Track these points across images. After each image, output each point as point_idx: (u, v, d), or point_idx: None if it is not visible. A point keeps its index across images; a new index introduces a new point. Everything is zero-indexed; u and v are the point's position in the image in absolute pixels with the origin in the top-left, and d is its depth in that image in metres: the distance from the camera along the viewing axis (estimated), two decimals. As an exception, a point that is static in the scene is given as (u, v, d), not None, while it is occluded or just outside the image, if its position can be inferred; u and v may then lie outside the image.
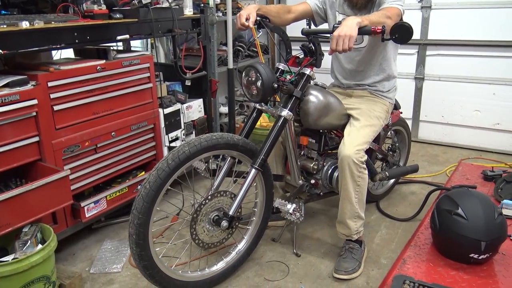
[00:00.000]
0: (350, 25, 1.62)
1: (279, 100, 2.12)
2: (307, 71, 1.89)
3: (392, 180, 2.77)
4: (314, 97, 1.98)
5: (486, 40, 3.28)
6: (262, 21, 1.99)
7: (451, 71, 3.49)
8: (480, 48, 3.33)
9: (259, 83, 1.80)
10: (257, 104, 1.96)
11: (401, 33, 1.64)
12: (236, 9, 3.60)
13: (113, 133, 2.30)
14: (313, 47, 1.88)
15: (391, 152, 2.62)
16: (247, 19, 1.93)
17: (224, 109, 3.71)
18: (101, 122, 2.24)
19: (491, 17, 3.23)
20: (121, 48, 2.86)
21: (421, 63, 3.59)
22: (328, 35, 1.69)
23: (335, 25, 1.71)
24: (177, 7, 2.55)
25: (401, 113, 2.68)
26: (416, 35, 3.53)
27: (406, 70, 3.65)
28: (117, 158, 2.38)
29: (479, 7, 3.26)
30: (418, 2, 3.46)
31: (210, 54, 3.19)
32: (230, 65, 3.11)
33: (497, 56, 3.29)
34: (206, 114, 3.00)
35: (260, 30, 2.02)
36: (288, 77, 1.92)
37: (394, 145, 2.65)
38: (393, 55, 2.21)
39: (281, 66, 1.98)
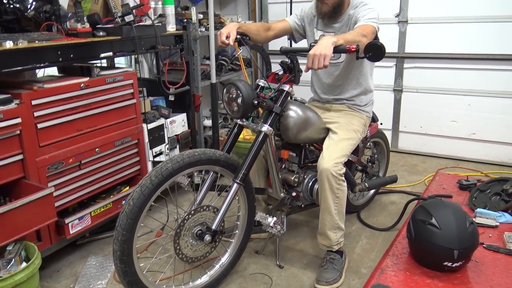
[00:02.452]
0: (325, 44, 1.69)
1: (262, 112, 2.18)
2: (286, 87, 1.96)
3: (372, 191, 2.84)
4: (294, 112, 2.04)
5: (461, 53, 3.41)
6: (242, 39, 2.06)
7: (428, 83, 3.61)
8: (455, 61, 3.45)
9: (239, 100, 1.86)
10: (239, 120, 2.01)
11: (374, 51, 1.71)
12: (219, 24, 3.67)
13: (97, 149, 2.32)
14: (292, 64, 1.95)
15: (370, 164, 2.69)
16: (227, 37, 2.00)
17: (208, 122, 3.75)
18: (85, 138, 2.26)
19: (465, 31, 3.36)
20: (105, 64, 2.91)
21: (399, 75, 3.70)
22: (305, 53, 1.76)
23: (311, 44, 1.78)
24: (160, 24, 2.60)
25: (381, 124, 2.76)
26: (394, 49, 3.65)
27: (385, 82, 3.75)
28: (101, 174, 2.40)
29: (453, 21, 3.39)
30: (395, 16, 3.57)
31: (193, 69, 3.24)
32: (213, 79, 3.16)
33: (471, 68, 3.41)
34: (190, 128, 3.04)
35: (241, 47, 2.08)
36: (268, 93, 1.98)
37: (373, 156, 2.72)
38: (369, 70, 2.30)
39: (261, 82, 2.04)
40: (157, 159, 2.75)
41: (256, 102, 1.86)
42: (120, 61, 3.46)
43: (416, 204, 2.35)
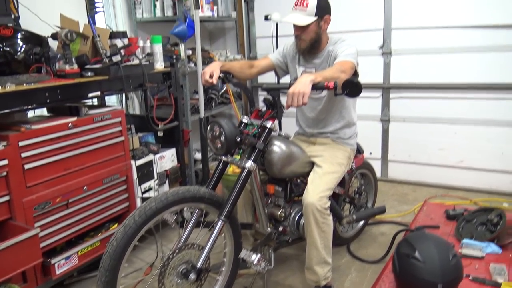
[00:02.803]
0: (303, 83, 1.74)
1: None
2: (269, 124, 1.99)
3: (361, 222, 2.84)
4: (277, 148, 2.07)
5: (445, 83, 3.49)
6: (225, 77, 2.12)
7: (414, 112, 3.67)
8: (439, 90, 3.53)
9: (222, 138, 1.89)
10: (223, 156, 2.04)
11: (351, 88, 1.76)
12: (208, 59, 3.75)
13: (85, 187, 2.34)
14: (274, 101, 2.00)
15: (357, 195, 2.71)
16: (211, 76, 2.06)
17: (199, 155, 3.78)
18: (73, 177, 2.28)
19: (448, 62, 3.45)
20: (96, 102, 2.95)
21: (385, 105, 3.76)
22: (286, 90, 1.81)
23: (291, 82, 1.83)
24: (148, 62, 2.67)
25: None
26: (379, 79, 3.73)
27: (372, 112, 3.82)
28: (89, 212, 2.41)
29: (436, 52, 3.48)
30: (379, 48, 3.67)
31: (182, 104, 3.30)
32: (202, 114, 3.21)
33: (456, 98, 3.48)
34: (179, 163, 3.07)
35: (224, 85, 2.13)
36: (252, 129, 2.02)
37: (360, 188, 2.74)
38: (352, 103, 2.35)
39: (245, 119, 2.08)
40: (146, 195, 2.76)
41: (238, 139, 1.89)
42: (111, 98, 3.51)
43: (403, 236, 2.36)
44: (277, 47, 3.73)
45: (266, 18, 3.60)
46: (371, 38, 3.67)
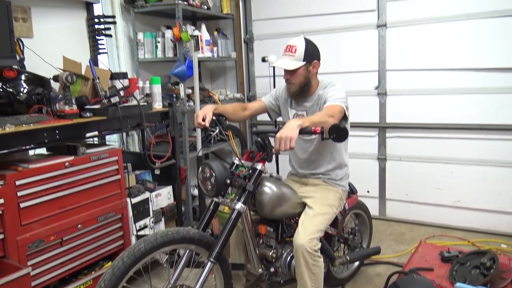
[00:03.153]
0: (291, 128, 1.80)
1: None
2: (259, 166, 2.03)
3: (356, 263, 2.82)
4: (268, 189, 2.10)
5: (440, 123, 3.54)
6: (218, 120, 2.18)
7: (411, 151, 3.71)
8: (435, 130, 3.58)
9: (212, 180, 1.93)
10: (214, 197, 2.07)
11: (337, 133, 1.81)
12: (208, 98, 3.85)
13: (79, 225, 2.37)
14: (264, 144, 2.05)
15: (351, 236, 2.71)
16: (203, 119, 2.12)
17: (197, 192, 3.81)
18: (68, 215, 2.32)
19: (443, 102, 3.51)
20: (96, 139, 3.02)
21: (382, 144, 3.80)
22: (274, 134, 1.86)
23: (279, 126, 1.88)
24: (146, 103, 2.75)
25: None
26: (375, 119, 3.79)
27: (369, 151, 3.86)
28: (83, 250, 2.43)
29: (431, 93, 3.55)
30: (375, 89, 3.75)
31: (181, 141, 3.37)
32: (199, 152, 3.27)
33: (451, 137, 3.52)
34: (175, 201, 3.10)
35: (216, 127, 2.20)
36: (242, 171, 2.06)
37: (354, 228, 2.74)
38: (343, 145, 2.39)
39: (236, 160, 2.12)
40: (141, 233, 2.78)
41: (228, 181, 1.93)
42: (112, 135, 3.59)
43: (397, 278, 2.34)
44: (274, 86, 3.82)
45: (263, 59, 3.71)
46: (367, 79, 3.76)
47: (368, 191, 3.89)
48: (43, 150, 2.66)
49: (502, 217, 3.41)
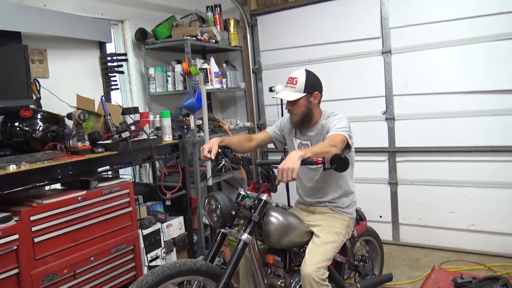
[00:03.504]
0: (293, 159, 1.84)
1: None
2: (264, 196, 2.07)
3: (369, 290, 2.79)
4: (275, 219, 2.13)
5: (449, 146, 3.53)
6: (223, 152, 2.24)
7: (421, 175, 3.69)
8: (445, 153, 3.57)
9: (218, 211, 1.98)
10: (221, 228, 2.11)
11: (338, 163, 1.84)
12: (218, 128, 3.93)
13: (92, 258, 2.42)
14: (269, 175, 2.09)
15: (362, 263, 2.69)
16: (209, 152, 2.18)
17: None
18: (81, 248, 2.37)
19: (450, 125, 3.51)
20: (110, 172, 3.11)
21: (392, 168, 3.80)
22: (277, 165, 1.90)
23: (282, 158, 1.93)
24: (155, 137, 2.84)
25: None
26: (385, 144, 3.80)
27: (380, 176, 3.85)
28: (96, 282, 2.47)
29: (439, 117, 3.56)
30: (383, 114, 3.78)
31: (192, 171, 3.44)
32: (210, 182, 3.33)
33: (461, 160, 3.51)
34: (187, 231, 3.14)
35: (223, 160, 2.25)
36: (248, 202, 2.10)
37: (364, 255, 2.73)
38: (349, 172, 2.41)
39: (242, 191, 2.17)
40: (153, 263, 2.82)
41: (234, 212, 1.97)
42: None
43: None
44: (282, 115, 3.89)
45: (270, 89, 3.79)
46: (375, 104, 3.80)
47: (380, 216, 3.87)
48: (57, 185, 2.76)
49: (518, 240, 3.34)
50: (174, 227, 3.04)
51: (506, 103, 3.28)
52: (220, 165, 2.25)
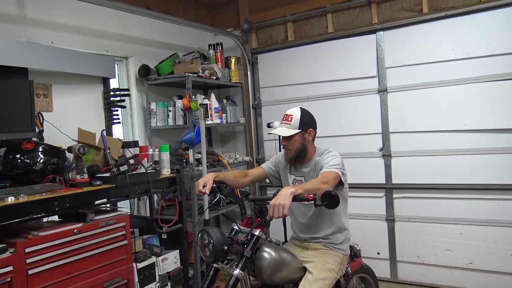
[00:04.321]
0: (284, 195, 1.88)
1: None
2: (257, 232, 2.09)
3: (364, 329, 2.76)
4: (267, 254, 2.14)
5: (446, 183, 3.55)
6: (218, 187, 2.28)
7: (419, 212, 3.69)
8: (442, 191, 3.58)
9: (211, 246, 2.00)
10: (213, 263, 2.12)
11: (329, 200, 1.88)
12: (217, 162, 3.98)
13: (85, 291, 2.42)
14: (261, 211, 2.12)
15: (357, 300, 2.67)
16: (204, 186, 2.22)
17: (206, 256, 3.82)
18: (75, 281, 2.38)
19: (448, 163, 3.54)
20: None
21: (389, 205, 3.81)
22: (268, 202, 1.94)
23: (274, 194, 1.97)
24: (153, 170, 2.89)
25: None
26: (382, 180, 3.83)
27: (377, 212, 3.86)
28: (88, 316, 2.46)
29: (436, 154, 3.60)
30: (379, 151, 3.83)
31: (190, 204, 3.46)
32: (206, 216, 3.35)
33: (459, 198, 3.52)
34: (182, 265, 3.13)
35: (217, 195, 2.29)
36: (241, 237, 2.12)
37: (359, 293, 2.71)
38: (342, 209, 2.43)
39: (236, 226, 2.19)
40: (146, 298, 2.80)
41: (226, 247, 1.99)
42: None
43: None
44: (280, 150, 3.94)
45: (269, 125, 3.86)
46: (371, 141, 3.85)
47: (378, 253, 3.85)
48: (55, 217, 2.79)
49: (517, 279, 3.31)
50: (170, 261, 3.03)
51: (501, 142, 3.33)
52: (215, 200, 2.28)
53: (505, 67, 3.28)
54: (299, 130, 2.32)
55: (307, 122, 2.36)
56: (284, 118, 2.37)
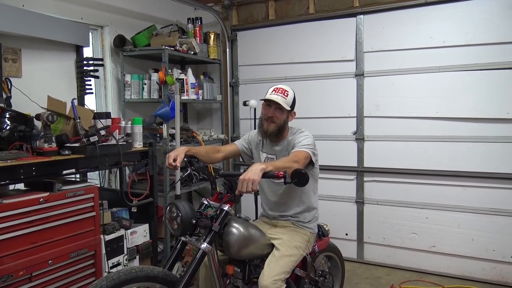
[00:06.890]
0: (254, 171, 1.88)
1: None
2: (226, 207, 2.10)
3: (327, 306, 2.83)
4: (235, 229, 2.15)
5: (414, 169, 3.63)
6: (189, 161, 2.27)
7: (387, 195, 3.78)
8: (410, 176, 3.67)
9: (179, 219, 2.00)
10: (181, 236, 2.12)
11: (298, 178, 1.89)
12: (191, 138, 3.95)
13: (50, 261, 2.39)
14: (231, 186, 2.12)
15: (322, 278, 2.73)
16: (174, 160, 2.20)
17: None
18: (39, 251, 2.34)
19: (417, 149, 3.63)
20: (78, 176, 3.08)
21: (360, 188, 3.88)
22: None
23: (245, 170, 1.97)
24: (125, 143, 2.84)
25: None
26: (354, 163, 3.89)
27: (348, 194, 3.93)
28: (53, 286, 2.43)
29: (407, 140, 3.67)
30: (353, 134, 3.87)
31: (162, 179, 3.44)
32: (178, 191, 3.34)
33: (425, 183, 3.61)
34: (152, 239, 3.13)
35: (188, 169, 2.28)
36: (210, 211, 2.12)
37: (324, 271, 2.77)
38: (312, 188, 2.46)
39: (205, 201, 2.19)
40: (113, 270, 2.79)
41: (194, 221, 1.99)
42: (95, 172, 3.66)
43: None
44: (255, 128, 3.94)
45: (245, 103, 3.85)
46: (346, 124, 3.90)
47: (346, 234, 3.93)
48: (21, 185, 2.72)
49: (476, 263, 3.44)
50: (139, 234, 3.02)
51: (470, 130, 3.42)
52: (185, 174, 2.27)
53: (478, 57, 3.35)
54: (290, 109, 2.33)
55: (294, 104, 2.37)
56: (279, 91, 2.32)
